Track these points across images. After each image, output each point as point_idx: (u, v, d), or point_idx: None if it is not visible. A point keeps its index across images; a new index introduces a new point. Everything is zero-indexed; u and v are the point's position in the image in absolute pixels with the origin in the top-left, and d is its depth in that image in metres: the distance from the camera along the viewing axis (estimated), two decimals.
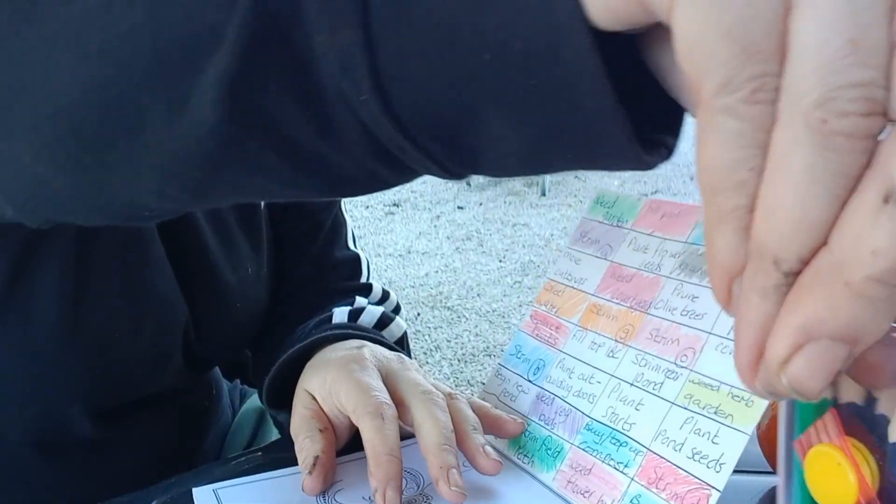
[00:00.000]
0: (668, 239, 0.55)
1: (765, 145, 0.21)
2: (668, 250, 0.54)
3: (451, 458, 0.51)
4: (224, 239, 0.69)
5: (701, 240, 0.53)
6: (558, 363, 0.57)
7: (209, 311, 0.68)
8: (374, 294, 0.77)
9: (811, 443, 0.27)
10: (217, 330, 0.70)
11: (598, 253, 0.59)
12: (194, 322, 0.67)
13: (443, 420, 0.53)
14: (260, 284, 0.73)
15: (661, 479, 0.46)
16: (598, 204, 0.62)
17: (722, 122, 0.21)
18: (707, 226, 0.22)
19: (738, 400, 0.45)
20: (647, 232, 0.57)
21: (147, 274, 0.63)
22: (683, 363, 0.49)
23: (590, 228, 0.61)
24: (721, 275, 0.23)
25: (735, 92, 0.20)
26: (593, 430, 0.52)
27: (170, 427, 0.71)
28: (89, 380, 0.61)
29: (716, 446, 0.45)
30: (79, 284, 0.59)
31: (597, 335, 0.56)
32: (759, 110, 0.20)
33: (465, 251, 3.53)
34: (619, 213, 0.60)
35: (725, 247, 0.22)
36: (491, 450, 0.53)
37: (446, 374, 2.47)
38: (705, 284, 0.51)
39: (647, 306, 0.53)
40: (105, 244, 0.60)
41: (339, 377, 0.56)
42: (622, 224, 0.59)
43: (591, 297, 0.58)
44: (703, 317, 0.49)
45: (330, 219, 0.78)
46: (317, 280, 0.77)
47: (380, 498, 0.50)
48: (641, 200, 0.59)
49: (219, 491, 0.55)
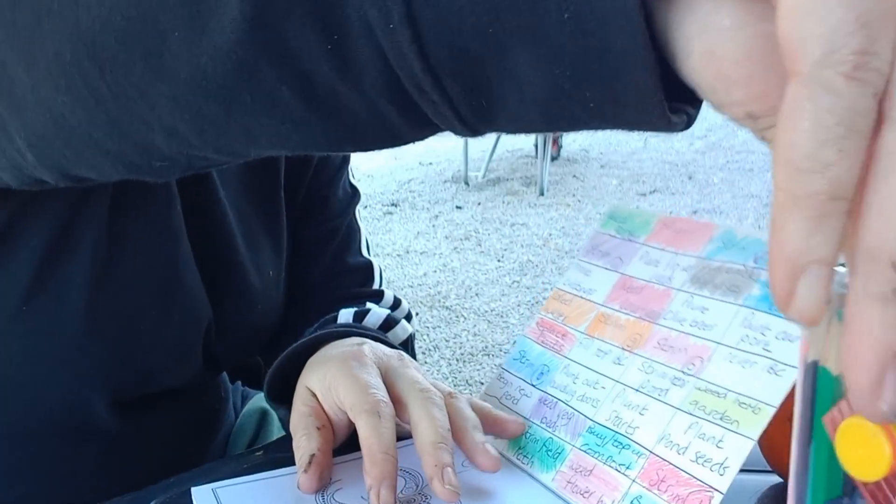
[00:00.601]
0: (680, 254, 0.56)
1: (859, 130, 0.19)
2: (680, 264, 0.55)
3: (446, 457, 0.51)
4: (250, 242, 0.70)
5: (714, 255, 0.54)
6: (563, 369, 0.58)
7: (232, 312, 0.69)
8: (386, 301, 0.77)
9: (843, 416, 0.27)
10: (237, 330, 0.71)
11: (609, 265, 0.60)
12: (216, 321, 0.68)
13: (439, 419, 0.53)
14: (279, 287, 0.74)
15: (662, 480, 0.47)
16: (612, 219, 0.63)
17: (814, 96, 0.19)
18: (776, 212, 0.21)
19: (744, 407, 0.45)
20: (660, 247, 0.58)
21: (174, 270, 0.64)
22: (690, 371, 0.49)
23: (601, 242, 0.62)
24: (785, 269, 0.21)
25: (836, 66, 0.19)
26: (595, 433, 0.53)
27: (183, 425, 0.71)
28: (111, 368, 0.62)
29: (720, 450, 0.45)
30: (108, 273, 0.59)
31: (603, 343, 0.56)
32: (857, 90, 0.19)
33: (463, 251, 3.54)
34: (632, 228, 0.61)
35: (795, 236, 0.20)
36: (490, 447, 0.53)
37: (445, 374, 2.48)
38: (717, 297, 0.52)
39: (655, 317, 0.54)
40: (136, 236, 0.61)
41: (339, 374, 0.56)
42: (635, 239, 0.60)
43: (599, 307, 0.59)
44: (713, 328, 0.50)
45: (344, 225, 0.79)
46: (328, 285, 0.78)
47: (374, 496, 0.49)
48: (655, 216, 0.59)
49: (218, 490, 0.55)
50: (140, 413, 0.66)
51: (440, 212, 4.05)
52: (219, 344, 0.69)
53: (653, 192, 4.18)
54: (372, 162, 4.87)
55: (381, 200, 4.20)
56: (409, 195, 4.29)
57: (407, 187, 4.41)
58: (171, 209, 0.63)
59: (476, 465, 0.53)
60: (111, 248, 0.59)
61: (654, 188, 4.23)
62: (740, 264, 0.52)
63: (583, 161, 4.77)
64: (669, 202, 4.03)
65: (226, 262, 0.68)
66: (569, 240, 3.60)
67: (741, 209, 3.89)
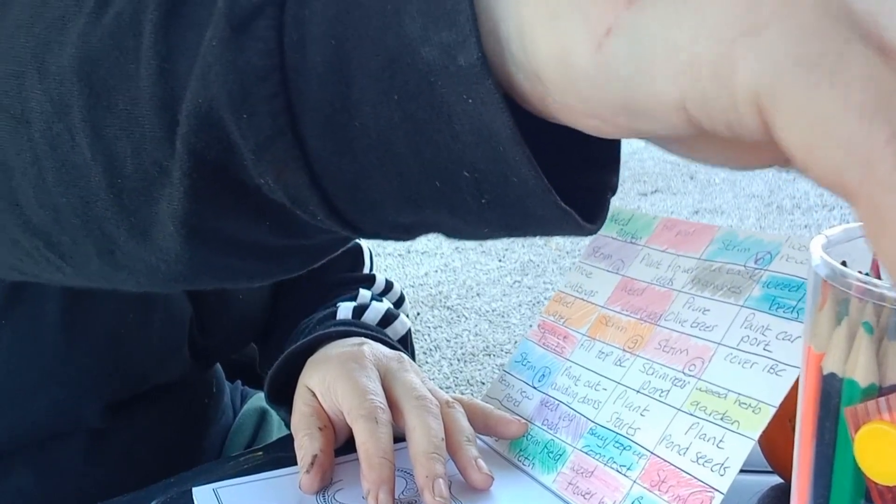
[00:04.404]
0: (681, 255, 0.56)
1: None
2: (682, 266, 0.55)
3: (438, 468, 0.51)
4: None
5: (715, 256, 0.54)
6: (564, 371, 0.58)
7: (213, 303, 0.69)
8: (378, 286, 0.77)
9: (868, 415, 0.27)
10: (221, 322, 0.70)
11: (610, 267, 0.60)
12: (198, 315, 0.68)
13: (434, 428, 0.53)
14: None
15: (663, 481, 0.47)
16: (613, 221, 0.63)
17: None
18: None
19: (744, 407, 0.46)
20: (661, 248, 0.58)
21: None
22: (691, 372, 0.50)
23: (603, 244, 0.62)
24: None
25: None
26: (597, 435, 0.53)
27: (171, 418, 0.72)
28: (99, 373, 0.62)
29: (721, 451, 0.45)
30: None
31: (604, 345, 0.56)
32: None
33: (464, 250, 3.54)
34: (634, 230, 0.61)
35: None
36: (483, 463, 0.53)
37: (446, 374, 2.48)
38: (717, 298, 0.52)
39: (657, 318, 0.54)
40: None
41: (338, 375, 0.57)
42: (636, 241, 0.60)
43: (600, 309, 0.59)
44: (714, 329, 0.50)
45: None
46: (318, 271, 0.75)
47: (372, 500, 0.50)
48: (657, 219, 0.60)
49: (219, 490, 0.55)
50: (130, 410, 0.67)
51: None
52: (204, 337, 0.69)
53: (654, 191, 4.18)
54: None
55: None
56: None
57: None
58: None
59: (467, 481, 0.53)
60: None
61: (655, 188, 4.22)
62: (741, 265, 0.52)
63: None
64: (671, 202, 4.02)
65: None
66: (570, 240, 3.60)
67: (743, 209, 3.89)
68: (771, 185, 4.20)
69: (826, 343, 0.29)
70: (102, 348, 0.62)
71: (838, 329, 0.28)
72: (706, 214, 3.84)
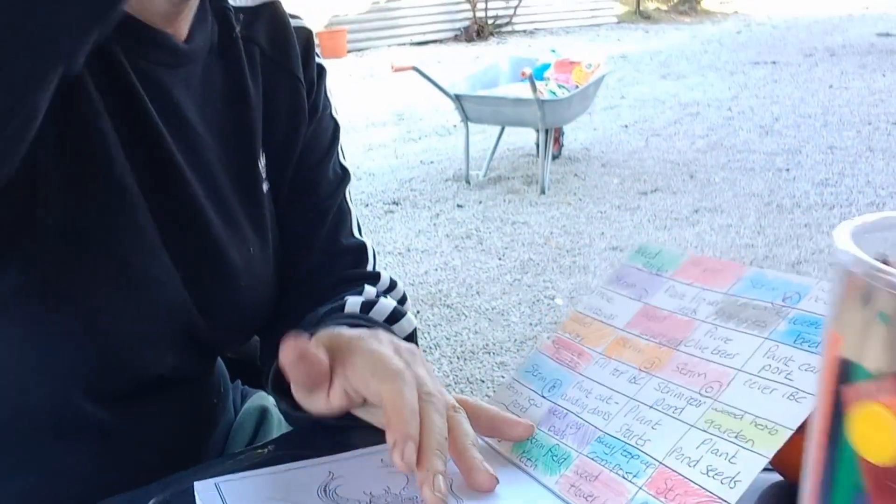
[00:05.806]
0: (707, 289, 0.57)
1: None
2: (706, 298, 0.56)
3: (439, 464, 0.51)
4: (226, 218, 0.69)
5: (742, 293, 0.55)
6: (576, 384, 0.58)
7: (214, 291, 0.69)
8: (382, 283, 0.77)
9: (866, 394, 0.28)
10: (223, 312, 0.70)
11: (633, 295, 0.61)
12: (200, 304, 0.67)
13: (438, 424, 0.53)
14: (266, 265, 0.73)
15: (670, 490, 0.47)
16: (640, 254, 0.64)
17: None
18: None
19: (761, 428, 0.46)
20: (687, 282, 0.58)
21: (139, 260, 0.63)
22: (708, 393, 0.50)
23: (627, 274, 0.63)
24: None
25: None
26: (604, 443, 0.53)
27: (179, 417, 0.71)
28: (91, 365, 0.62)
29: (733, 465, 0.46)
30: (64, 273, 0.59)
31: (620, 363, 0.57)
32: None
33: (464, 249, 3.56)
34: (660, 263, 0.62)
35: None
36: (488, 465, 0.54)
37: (446, 372, 2.49)
38: (741, 329, 0.52)
39: (676, 343, 0.54)
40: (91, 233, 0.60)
41: (355, 347, 0.57)
42: (661, 273, 0.61)
43: (619, 331, 0.59)
44: (735, 356, 0.51)
45: (335, 206, 0.78)
46: (324, 268, 0.77)
47: (397, 453, 0.50)
48: (684, 255, 0.61)
49: (221, 484, 0.55)
50: (133, 405, 0.67)
51: (441, 210, 4.07)
52: (207, 327, 0.69)
53: (654, 190, 4.20)
54: (373, 161, 4.87)
55: (382, 199, 4.20)
56: (410, 194, 4.31)
57: (408, 186, 4.42)
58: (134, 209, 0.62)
59: (472, 483, 0.53)
60: (68, 248, 0.59)
61: (655, 187, 4.25)
62: (768, 302, 0.53)
63: (584, 160, 4.78)
64: (671, 201, 4.04)
65: (200, 241, 0.67)
66: (570, 238, 3.63)
67: (742, 208, 3.91)
68: (770, 184, 4.23)
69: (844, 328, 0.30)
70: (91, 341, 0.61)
71: (857, 316, 0.29)
72: (706, 213, 3.86)
